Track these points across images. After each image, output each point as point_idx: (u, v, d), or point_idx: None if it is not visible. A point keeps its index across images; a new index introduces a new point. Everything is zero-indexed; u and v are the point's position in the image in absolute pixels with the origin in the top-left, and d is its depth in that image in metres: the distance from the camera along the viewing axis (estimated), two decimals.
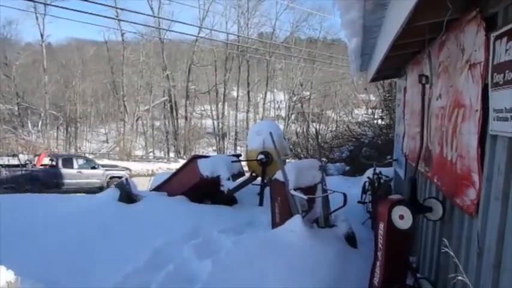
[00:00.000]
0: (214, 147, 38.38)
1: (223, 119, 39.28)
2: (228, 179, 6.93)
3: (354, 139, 12.16)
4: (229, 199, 7.00)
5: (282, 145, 7.46)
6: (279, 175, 4.83)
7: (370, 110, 15.24)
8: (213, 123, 39.60)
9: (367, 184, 7.13)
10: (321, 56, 33.44)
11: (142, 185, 11.23)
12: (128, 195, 6.34)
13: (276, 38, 39.25)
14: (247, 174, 7.70)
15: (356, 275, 3.91)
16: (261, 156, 7.16)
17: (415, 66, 5.07)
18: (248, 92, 38.55)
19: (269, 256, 3.79)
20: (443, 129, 3.40)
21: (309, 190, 4.88)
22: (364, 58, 5.98)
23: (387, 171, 6.98)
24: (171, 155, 36.10)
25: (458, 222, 2.90)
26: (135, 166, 25.30)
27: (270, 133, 5.76)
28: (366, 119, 14.26)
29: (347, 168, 11.10)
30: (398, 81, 7.21)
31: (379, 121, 13.04)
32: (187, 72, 38.18)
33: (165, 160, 31.20)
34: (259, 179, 7.34)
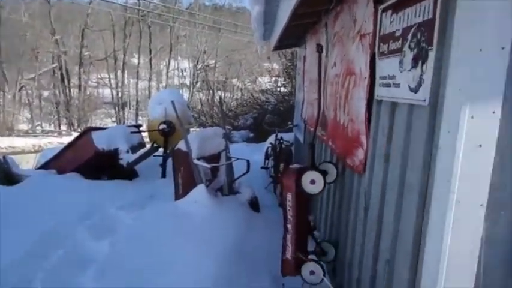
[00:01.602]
0: (114, 118, 36.02)
1: (122, 88, 36.87)
2: (127, 151, 6.61)
3: (258, 106, 12.45)
4: (129, 173, 6.69)
5: (185, 114, 7.30)
6: (181, 145, 4.72)
7: (273, 78, 15.66)
8: (112, 92, 36.96)
9: (269, 150, 7.40)
10: (226, 24, 33.06)
11: (27, 163, 10.18)
12: (7, 175, 5.69)
13: (179, 4, 37.64)
14: (148, 146, 7.44)
15: (259, 236, 4.08)
16: (162, 126, 6.92)
17: (314, 36, 5.27)
18: (150, 60, 36.61)
19: (173, 229, 3.73)
20: (338, 96, 3.62)
21: (213, 158, 4.88)
22: (267, 27, 6.04)
23: (288, 137, 7.30)
24: (63, 127, 33.05)
25: (349, 181, 3.16)
26: (19, 142, 22.72)
27: (172, 102, 5.57)
28: (269, 87, 14.66)
29: (251, 135, 11.37)
30: (298, 50, 7.46)
31: (282, 89, 13.51)
32: (80, 37, 34.68)
33: (56, 134, 28.50)
34: (161, 149, 7.13)
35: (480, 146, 1.50)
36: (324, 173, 3.32)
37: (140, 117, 35.11)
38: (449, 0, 1.67)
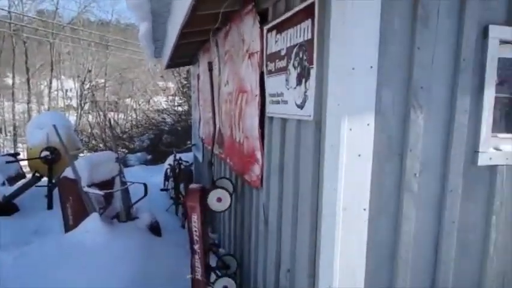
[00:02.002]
0: None
1: None
2: (3, 183, 5.86)
3: (154, 127, 12.07)
4: (6, 208, 5.91)
5: (71, 138, 6.75)
6: (68, 172, 4.34)
7: (169, 98, 15.41)
8: None
9: (168, 171, 7.21)
10: (115, 41, 31.61)
11: None
12: None
13: (59, 18, 34.93)
14: (29, 176, 6.69)
15: (163, 261, 3.91)
16: (45, 153, 6.27)
17: (206, 54, 5.33)
18: (28, 79, 33.17)
19: (64, 264, 3.38)
20: (232, 113, 3.69)
21: (106, 184, 4.57)
22: (158, 44, 5.93)
23: (188, 157, 7.20)
24: None
25: (249, 196, 3.22)
26: None
27: (54, 126, 5.10)
28: (165, 107, 14.37)
29: (149, 157, 10.96)
30: (192, 68, 7.46)
31: (179, 108, 13.34)
32: None
33: None
34: (46, 179, 6.45)
35: (359, 155, 1.66)
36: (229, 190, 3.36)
37: (20, 144, 31.38)
38: (324, 24, 1.82)
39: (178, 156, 6.76)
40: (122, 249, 3.72)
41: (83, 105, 33.17)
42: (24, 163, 7.03)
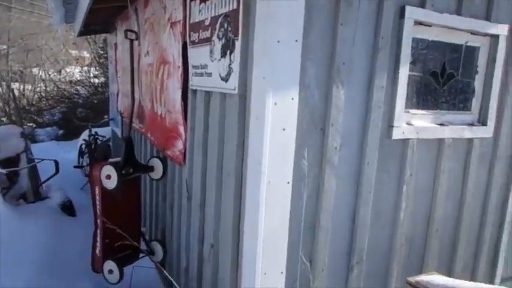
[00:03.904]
0: None
1: None
2: None
3: (66, 100, 11.13)
4: None
5: None
6: None
7: (84, 68, 14.26)
8: None
9: (83, 147, 6.75)
10: (19, 3, 28.24)
11: None
12: None
13: None
14: None
15: (77, 241, 3.67)
16: None
17: (124, 21, 4.98)
18: None
19: None
20: (153, 86, 3.51)
21: (10, 162, 4.13)
22: (69, 8, 5.38)
23: (105, 131, 6.79)
24: None
25: (171, 173, 3.11)
26: None
27: None
28: (79, 78, 13.29)
29: (60, 132, 10.13)
30: (109, 37, 6.95)
31: (95, 80, 12.42)
32: None
33: None
34: None
35: (284, 129, 1.66)
36: (150, 169, 3.19)
37: None
38: None
39: (94, 131, 6.34)
40: (30, 233, 3.42)
41: None
42: None
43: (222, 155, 2.13)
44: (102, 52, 11.91)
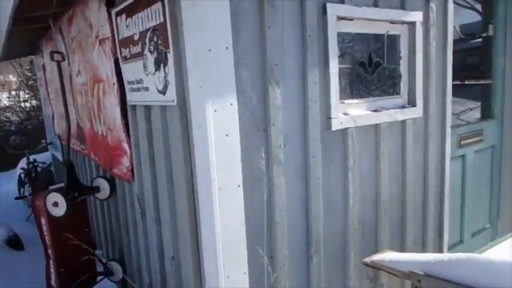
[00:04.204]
0: None
1: None
2: None
3: None
4: None
5: None
6: None
7: (13, 93, 13.40)
8: None
9: (23, 176, 6.36)
10: None
11: None
12: None
13: None
14: None
15: (27, 276, 3.48)
16: None
17: (49, 42, 4.75)
18: None
19: None
20: (90, 105, 3.39)
21: None
22: None
23: (44, 157, 6.45)
24: None
25: (121, 191, 3.03)
26: None
27: None
28: (8, 104, 12.47)
29: None
30: (35, 58, 6.60)
31: (26, 104, 11.72)
32: None
33: None
34: None
35: (227, 135, 1.69)
36: (95, 190, 3.10)
37: None
38: (175, 5, 1.77)
39: (32, 158, 6.00)
40: None
41: None
42: None
43: (170, 167, 2.12)
44: (30, 74, 11.27)
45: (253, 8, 1.77)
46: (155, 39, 2.01)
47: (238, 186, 1.74)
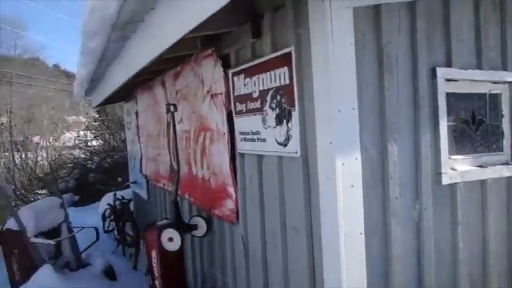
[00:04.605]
0: None
1: None
2: None
3: (79, 166, 11.35)
4: None
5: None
6: (10, 224, 4.00)
7: (82, 133, 14.82)
8: None
9: (107, 211, 6.87)
10: (20, 77, 29.20)
11: None
12: None
13: None
14: None
15: None
16: None
17: (147, 91, 5.31)
18: None
19: None
20: (190, 151, 3.75)
21: (53, 232, 4.28)
22: (93, 84, 5.75)
23: (125, 194, 6.95)
24: None
25: (220, 231, 3.27)
26: None
27: None
28: (78, 142, 13.80)
29: (76, 197, 10.26)
30: (126, 105, 7.31)
31: (94, 142, 12.88)
32: None
33: None
34: None
35: (352, 186, 1.88)
36: (193, 228, 3.37)
37: None
38: (302, 70, 2.05)
39: (120, 195, 6.52)
40: None
41: None
42: None
43: (284, 212, 2.33)
44: (97, 115, 12.47)
45: (373, 74, 2.00)
46: (278, 98, 2.29)
47: (361, 233, 1.89)
